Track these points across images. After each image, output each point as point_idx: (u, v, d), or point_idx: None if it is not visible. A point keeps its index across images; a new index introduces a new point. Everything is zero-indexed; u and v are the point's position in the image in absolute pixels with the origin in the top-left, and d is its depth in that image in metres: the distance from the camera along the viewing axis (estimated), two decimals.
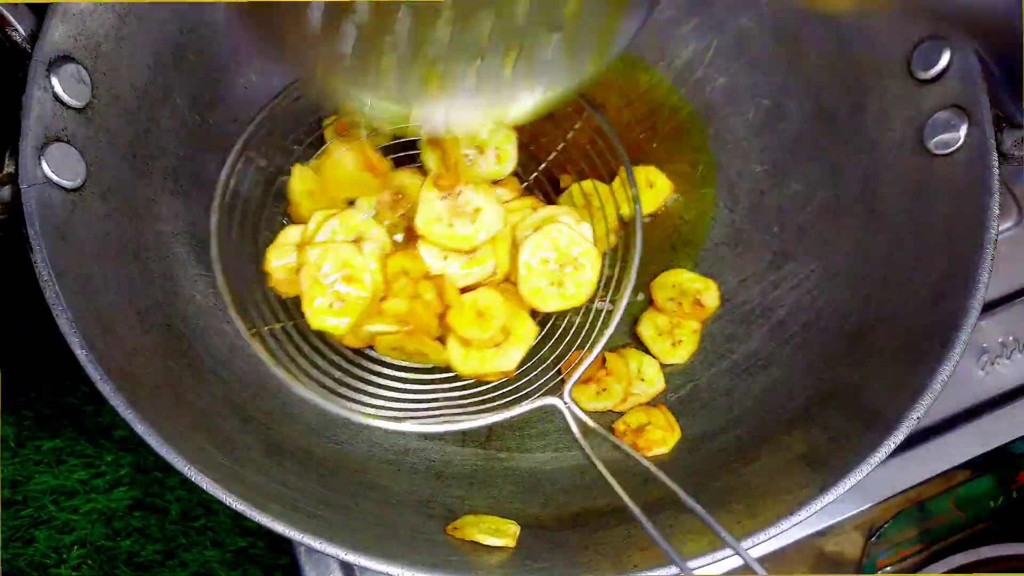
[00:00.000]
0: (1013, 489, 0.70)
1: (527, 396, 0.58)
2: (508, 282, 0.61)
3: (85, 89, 0.54)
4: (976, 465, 0.66)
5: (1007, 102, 0.62)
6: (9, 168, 0.50)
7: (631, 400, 0.63)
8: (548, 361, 0.61)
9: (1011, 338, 0.68)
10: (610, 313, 0.60)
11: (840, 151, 0.63)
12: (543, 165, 0.67)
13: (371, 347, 0.61)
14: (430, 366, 0.61)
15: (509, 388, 0.59)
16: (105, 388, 0.47)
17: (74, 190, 0.52)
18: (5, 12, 0.51)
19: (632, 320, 0.67)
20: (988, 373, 0.67)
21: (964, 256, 0.53)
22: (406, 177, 0.61)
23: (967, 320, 0.52)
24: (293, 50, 0.49)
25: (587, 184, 0.65)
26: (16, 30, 0.51)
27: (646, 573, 0.48)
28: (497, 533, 0.53)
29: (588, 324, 0.61)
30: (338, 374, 0.59)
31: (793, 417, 0.57)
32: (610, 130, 0.64)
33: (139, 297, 0.55)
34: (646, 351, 0.65)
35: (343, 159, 0.59)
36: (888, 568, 0.71)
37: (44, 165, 0.51)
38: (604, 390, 0.63)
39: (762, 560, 0.63)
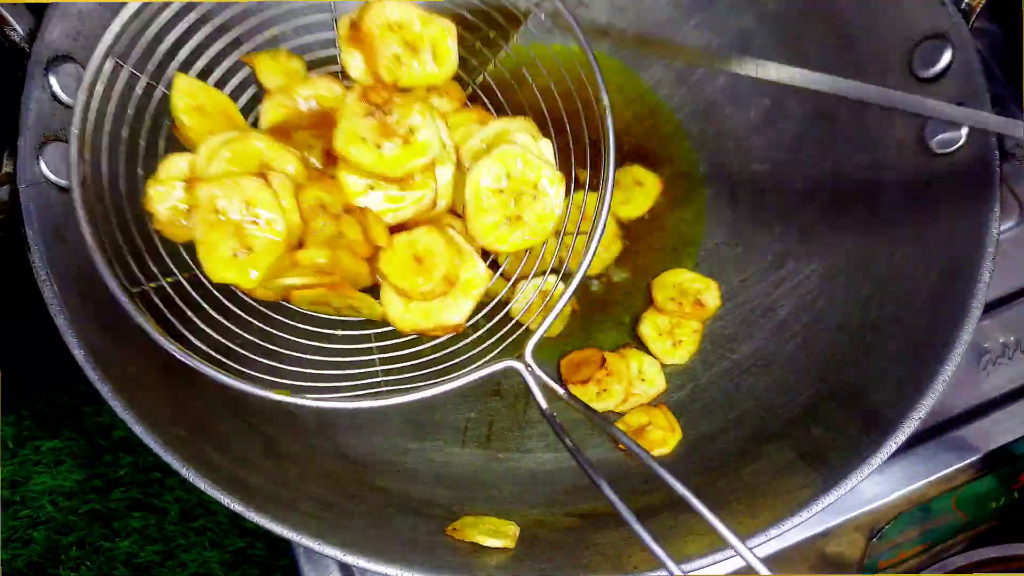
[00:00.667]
0: (1014, 489, 0.70)
1: (482, 355, 0.50)
2: (453, 215, 0.51)
3: None
4: (978, 466, 0.66)
5: (1008, 101, 0.62)
6: (7, 168, 0.50)
7: (632, 400, 0.63)
8: (505, 311, 0.53)
9: (1012, 338, 0.68)
10: (581, 243, 0.50)
11: (841, 151, 0.63)
12: (490, 66, 0.56)
13: (287, 300, 0.50)
14: (363, 320, 0.52)
15: (459, 346, 0.51)
16: (103, 388, 0.47)
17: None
18: (4, 12, 0.51)
19: (633, 320, 0.67)
20: (989, 373, 0.67)
21: (965, 255, 0.53)
22: (323, 86, 0.51)
23: (968, 320, 0.51)
24: None
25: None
26: (15, 30, 0.51)
27: (647, 574, 0.48)
28: (497, 534, 0.53)
29: (553, 262, 0.52)
30: (248, 337, 0.49)
31: (794, 417, 0.57)
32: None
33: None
34: (646, 351, 0.65)
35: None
36: (889, 569, 0.71)
37: (42, 165, 0.51)
38: (604, 390, 0.62)
39: (763, 561, 0.63)
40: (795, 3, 0.65)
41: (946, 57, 0.55)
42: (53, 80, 0.52)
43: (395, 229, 0.50)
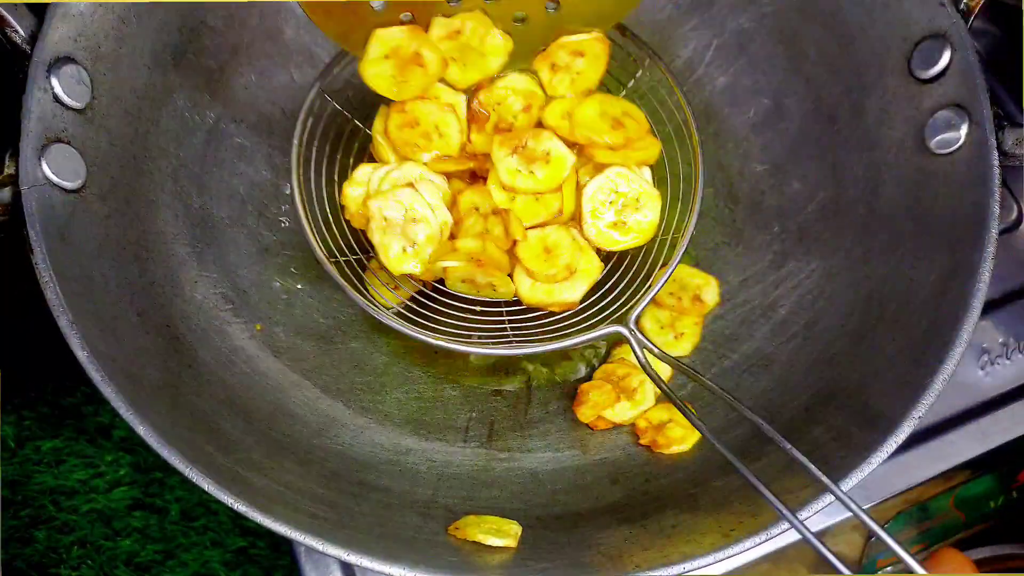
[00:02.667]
0: (1012, 489, 0.71)
1: (595, 326, 0.59)
2: (574, 220, 0.62)
3: (85, 90, 0.54)
4: (976, 465, 0.66)
5: (1007, 101, 0.62)
6: (10, 169, 0.50)
7: (641, 393, 0.64)
8: (614, 294, 0.61)
9: (1011, 338, 0.68)
10: (674, 245, 0.61)
11: (840, 150, 0.63)
12: None
13: (441, 282, 0.62)
14: (498, 300, 0.62)
15: (575, 319, 0.61)
16: (106, 389, 0.47)
17: (74, 191, 0.52)
18: (5, 13, 0.51)
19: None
20: (988, 373, 0.67)
21: (965, 255, 0.53)
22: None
23: (968, 319, 0.52)
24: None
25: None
26: (16, 31, 0.51)
27: (647, 573, 0.48)
28: (499, 533, 0.53)
29: (653, 256, 0.62)
30: (411, 304, 0.62)
31: (794, 417, 0.57)
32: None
33: (139, 298, 0.55)
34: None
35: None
36: (888, 568, 0.71)
37: (44, 166, 0.51)
38: (634, 392, 0.63)
39: (761, 560, 0.63)
40: (794, 3, 0.65)
41: (945, 57, 0.55)
42: (55, 81, 0.52)
43: (530, 229, 0.61)
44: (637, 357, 0.56)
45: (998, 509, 0.71)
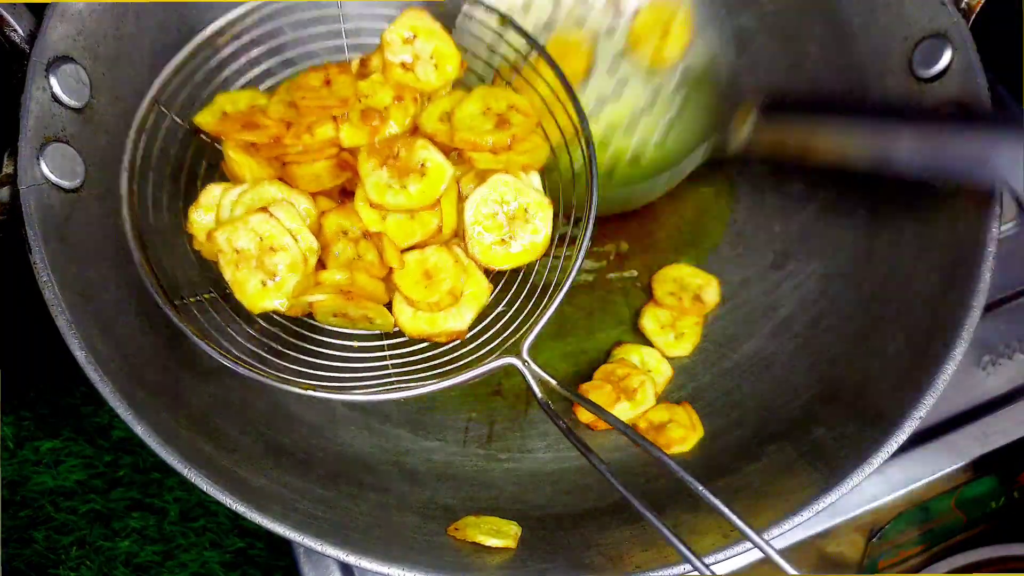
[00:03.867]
0: (1014, 489, 0.70)
1: (485, 357, 0.54)
2: (456, 238, 0.57)
3: (84, 89, 0.54)
4: (977, 466, 0.66)
5: (1008, 101, 0.62)
6: (8, 169, 0.50)
7: (642, 393, 0.63)
8: (505, 318, 0.57)
9: (1012, 338, 0.68)
10: (568, 262, 0.55)
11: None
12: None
13: (310, 315, 0.56)
14: (377, 332, 0.57)
15: (465, 350, 0.56)
16: (104, 389, 0.47)
17: (73, 191, 0.52)
18: (4, 12, 0.51)
19: (633, 317, 0.67)
20: (989, 373, 0.67)
21: (965, 255, 0.53)
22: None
23: (968, 320, 0.51)
24: None
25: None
26: (15, 30, 0.51)
27: (648, 574, 0.48)
28: (498, 534, 0.53)
29: (547, 272, 0.57)
30: (276, 345, 0.55)
31: (795, 417, 0.57)
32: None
33: (139, 298, 0.54)
34: (645, 344, 0.66)
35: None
36: (889, 569, 0.71)
37: (43, 166, 0.51)
38: (634, 391, 0.63)
39: (759, 563, 0.63)
40: (795, 2, 0.65)
41: (946, 57, 0.55)
42: (54, 81, 0.51)
43: (408, 249, 0.55)
44: (534, 394, 0.52)
45: (999, 510, 0.71)
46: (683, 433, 0.60)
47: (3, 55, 0.52)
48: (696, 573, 0.45)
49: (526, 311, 0.55)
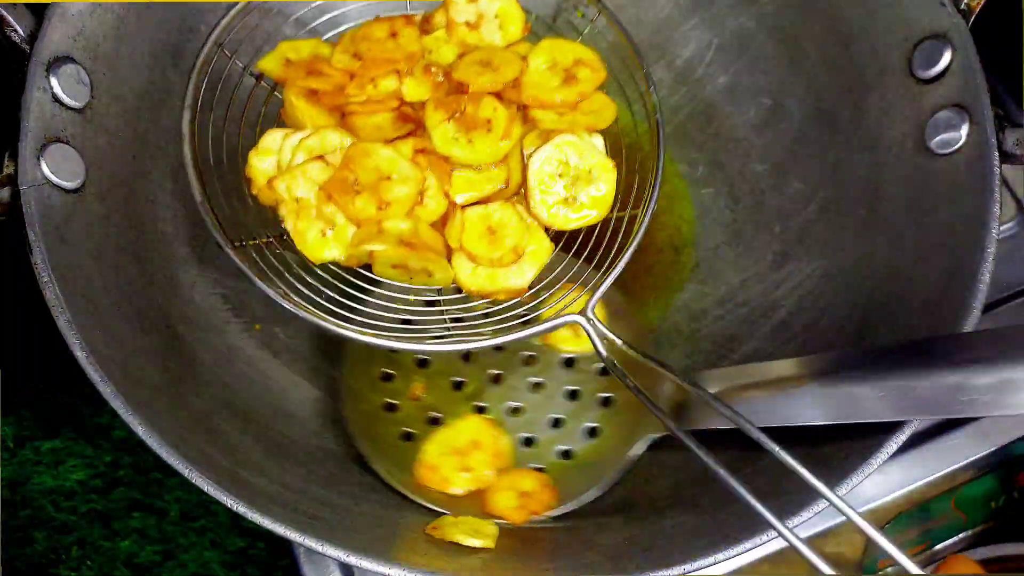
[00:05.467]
0: (1014, 489, 0.70)
1: (545, 314, 0.54)
2: (519, 195, 0.57)
3: (84, 90, 0.54)
4: (977, 466, 0.66)
5: (1008, 101, 0.62)
6: (8, 169, 0.50)
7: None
8: (568, 277, 0.57)
9: None
10: (633, 221, 0.56)
11: (841, 150, 0.63)
12: None
13: (368, 267, 0.55)
14: (435, 288, 0.57)
15: (526, 308, 0.55)
16: (105, 390, 0.47)
17: (74, 191, 0.52)
18: (4, 12, 0.51)
19: None
20: None
21: (965, 256, 0.53)
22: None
23: (968, 320, 0.51)
24: None
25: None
26: (15, 30, 0.51)
27: (648, 573, 0.48)
28: (476, 534, 0.52)
29: (608, 237, 0.57)
30: (333, 294, 0.54)
31: None
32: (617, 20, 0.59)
33: (139, 298, 0.54)
34: None
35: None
36: (888, 569, 0.71)
37: (43, 166, 0.51)
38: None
39: (761, 561, 0.63)
40: (795, 3, 0.65)
41: (946, 57, 0.55)
42: (54, 81, 0.52)
43: (470, 206, 0.55)
44: (596, 349, 0.52)
45: (999, 509, 0.71)
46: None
47: (3, 55, 0.52)
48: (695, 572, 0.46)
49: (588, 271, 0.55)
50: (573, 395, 0.62)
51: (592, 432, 0.61)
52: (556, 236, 0.56)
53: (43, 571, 0.78)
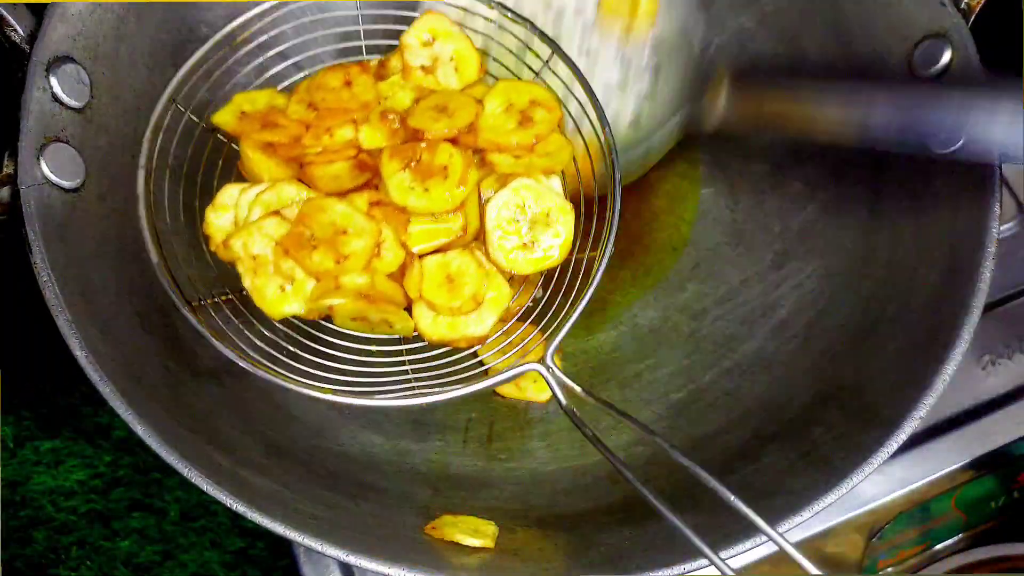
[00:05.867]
0: (1014, 490, 0.70)
1: (507, 362, 0.54)
2: (477, 240, 0.56)
3: (84, 89, 0.54)
4: (977, 466, 0.66)
5: None
6: (8, 168, 0.50)
7: None
8: (527, 323, 0.57)
9: (1013, 338, 0.68)
10: (592, 264, 0.55)
11: (840, 150, 0.63)
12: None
13: (329, 319, 0.55)
14: (396, 336, 0.56)
15: (486, 356, 0.57)
16: (105, 390, 0.47)
17: (73, 190, 0.52)
18: (4, 12, 0.51)
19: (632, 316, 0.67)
20: (989, 373, 0.67)
21: (965, 255, 0.53)
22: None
23: (969, 320, 0.51)
24: None
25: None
26: (15, 30, 0.51)
27: (648, 573, 0.48)
28: (476, 534, 0.52)
29: (568, 279, 0.57)
30: (294, 348, 0.54)
31: (795, 417, 0.57)
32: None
33: (139, 298, 0.54)
34: None
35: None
36: (889, 569, 0.71)
37: (43, 165, 0.51)
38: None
39: (762, 561, 0.63)
40: (795, 2, 0.65)
41: (946, 56, 0.55)
42: (54, 81, 0.52)
43: (428, 254, 0.55)
44: (556, 398, 0.51)
45: (1000, 509, 0.71)
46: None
47: (3, 55, 0.52)
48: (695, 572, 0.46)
49: (548, 316, 0.55)
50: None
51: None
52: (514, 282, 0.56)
53: (43, 571, 0.78)
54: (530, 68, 0.60)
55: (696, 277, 0.68)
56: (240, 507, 0.46)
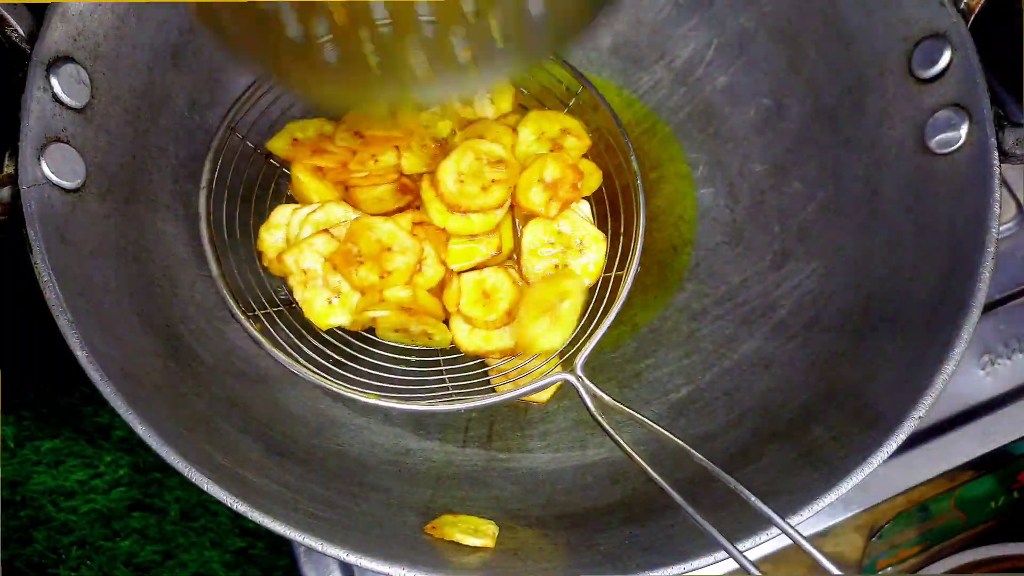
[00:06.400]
0: (1014, 490, 0.71)
1: (539, 372, 0.58)
2: (511, 260, 0.61)
3: (84, 89, 0.54)
4: (977, 466, 0.66)
5: (1007, 100, 0.62)
6: (9, 169, 0.50)
7: None
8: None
9: (1012, 338, 0.68)
10: (619, 282, 0.59)
11: (841, 150, 0.63)
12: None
13: (371, 331, 0.60)
14: (434, 348, 0.61)
15: (519, 367, 0.59)
16: (105, 389, 0.47)
17: (74, 190, 0.52)
18: (4, 12, 0.51)
19: (632, 315, 0.67)
20: (989, 373, 0.67)
21: (965, 255, 0.53)
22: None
23: (968, 320, 0.51)
24: (269, 60, 0.48)
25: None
26: (15, 30, 0.51)
27: (648, 573, 0.48)
28: (476, 533, 0.53)
29: (596, 295, 0.61)
30: (338, 357, 0.58)
31: (794, 417, 0.57)
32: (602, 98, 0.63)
33: (139, 298, 0.55)
34: None
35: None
36: (888, 569, 0.71)
37: (44, 165, 0.51)
38: None
39: (762, 561, 0.63)
40: (794, 3, 0.65)
41: (945, 57, 0.55)
42: (54, 81, 0.52)
43: (466, 272, 0.60)
44: (587, 407, 0.54)
45: (999, 509, 0.71)
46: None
47: (4, 55, 0.52)
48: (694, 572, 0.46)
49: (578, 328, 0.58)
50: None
51: None
52: None
53: (43, 571, 0.78)
54: (562, 102, 0.65)
55: (696, 277, 0.68)
56: (240, 507, 0.46)
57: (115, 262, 0.54)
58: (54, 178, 0.51)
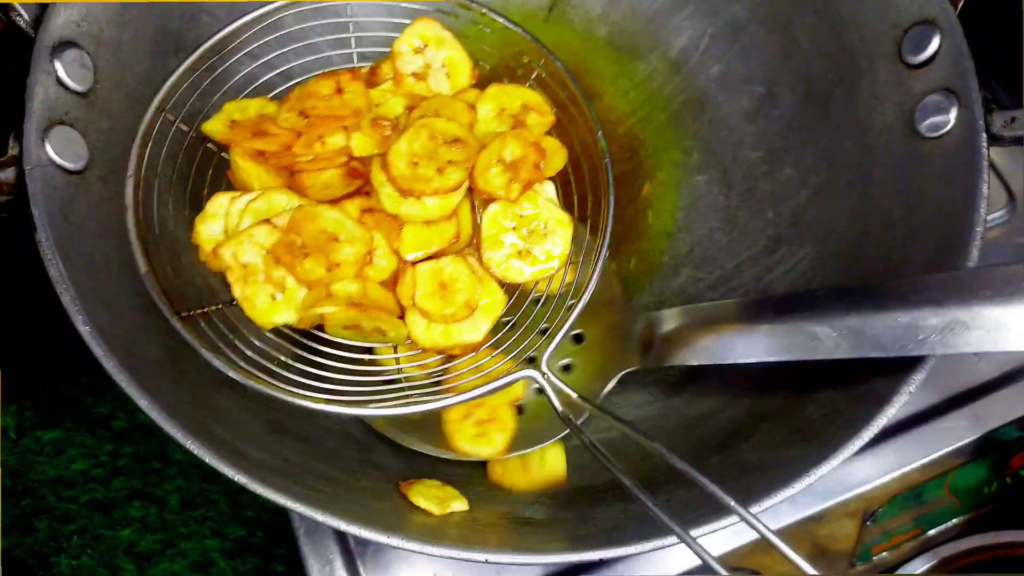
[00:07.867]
0: (1007, 475, 0.71)
1: (501, 369, 0.54)
2: (470, 247, 0.56)
3: (88, 74, 0.54)
4: (970, 450, 0.67)
5: (995, 84, 0.63)
6: (13, 150, 0.51)
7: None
8: (522, 328, 0.56)
9: None
10: (587, 272, 0.55)
11: (832, 136, 0.64)
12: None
13: (320, 327, 0.55)
14: (390, 344, 0.56)
15: (481, 363, 0.55)
16: (108, 364, 0.47)
17: (77, 172, 0.53)
18: None
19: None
20: (981, 357, 0.68)
21: (954, 236, 0.54)
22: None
23: None
24: None
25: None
26: (20, 15, 0.52)
27: (640, 545, 0.48)
28: (440, 503, 0.52)
29: (562, 286, 0.57)
30: (286, 358, 0.53)
31: (789, 396, 0.58)
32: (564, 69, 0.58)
33: (140, 278, 0.55)
34: None
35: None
36: (883, 554, 0.71)
37: (48, 147, 0.51)
38: None
39: (754, 545, 0.63)
40: None
41: (935, 42, 0.56)
42: (58, 65, 0.52)
43: (421, 261, 0.55)
44: (553, 405, 0.51)
45: (993, 495, 0.72)
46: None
47: (9, 40, 0.53)
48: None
49: (542, 322, 0.55)
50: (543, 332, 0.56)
51: (566, 368, 0.62)
52: (509, 288, 0.56)
53: (44, 559, 0.79)
54: (523, 74, 0.61)
55: (690, 262, 0.69)
56: (240, 477, 0.46)
57: (117, 242, 0.54)
58: (58, 160, 0.52)
